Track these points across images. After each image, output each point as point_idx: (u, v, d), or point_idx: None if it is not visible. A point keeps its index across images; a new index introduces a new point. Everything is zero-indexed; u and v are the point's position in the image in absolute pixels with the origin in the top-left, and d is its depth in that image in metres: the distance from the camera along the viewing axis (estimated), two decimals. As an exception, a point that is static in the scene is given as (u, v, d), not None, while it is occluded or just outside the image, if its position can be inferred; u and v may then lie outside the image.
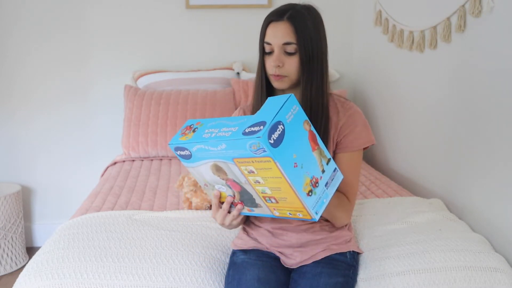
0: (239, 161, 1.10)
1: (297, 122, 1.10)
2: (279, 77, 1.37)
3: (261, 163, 1.07)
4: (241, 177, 1.15)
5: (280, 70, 1.36)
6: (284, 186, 1.11)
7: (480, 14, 1.73)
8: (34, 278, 1.42)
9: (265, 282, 1.37)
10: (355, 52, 3.16)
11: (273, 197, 1.16)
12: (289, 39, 1.34)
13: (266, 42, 1.37)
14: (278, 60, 1.35)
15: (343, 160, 1.43)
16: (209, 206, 1.91)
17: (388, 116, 2.66)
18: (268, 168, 1.08)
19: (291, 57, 1.35)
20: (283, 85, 1.39)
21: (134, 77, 3.03)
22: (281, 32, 1.34)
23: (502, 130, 1.63)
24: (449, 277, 1.40)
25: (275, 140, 1.04)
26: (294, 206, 1.15)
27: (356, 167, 1.44)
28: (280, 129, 1.06)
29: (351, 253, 1.48)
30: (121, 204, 2.01)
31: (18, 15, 2.94)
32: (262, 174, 1.10)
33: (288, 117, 1.08)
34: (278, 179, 1.09)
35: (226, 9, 3.06)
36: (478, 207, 1.78)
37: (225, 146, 1.09)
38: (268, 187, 1.14)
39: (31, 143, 3.08)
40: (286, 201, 1.15)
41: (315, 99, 1.38)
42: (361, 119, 1.44)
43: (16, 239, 2.85)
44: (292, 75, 1.37)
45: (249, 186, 1.17)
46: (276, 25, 1.35)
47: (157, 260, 1.48)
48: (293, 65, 1.36)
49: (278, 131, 1.05)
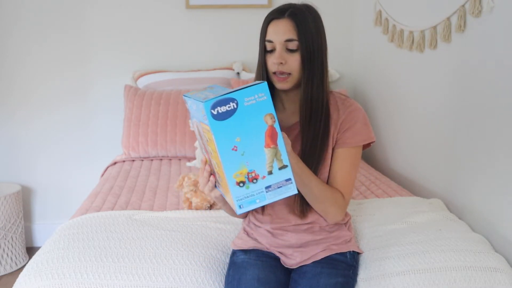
0: (203, 126, 1.10)
1: (257, 110, 1.07)
2: (282, 78, 1.37)
3: (208, 133, 1.07)
4: (206, 145, 1.14)
5: (283, 67, 1.36)
6: (219, 164, 1.09)
7: (480, 14, 1.73)
8: (34, 278, 1.42)
9: (265, 282, 1.37)
10: (355, 52, 3.16)
11: (218, 174, 1.14)
12: (291, 36, 1.34)
13: (267, 40, 1.37)
14: (281, 57, 1.35)
15: (340, 155, 1.41)
16: (209, 206, 1.91)
17: (388, 116, 2.66)
18: (210, 140, 1.07)
19: (293, 54, 1.36)
20: (287, 85, 1.38)
21: (134, 77, 3.03)
22: (283, 29, 1.35)
23: (502, 130, 1.63)
24: (449, 277, 1.40)
25: (219, 114, 1.03)
26: (227, 190, 1.12)
27: (353, 164, 1.42)
28: (232, 106, 1.04)
29: (351, 253, 1.48)
30: (121, 204, 2.01)
31: (18, 15, 2.94)
32: (210, 146, 1.10)
33: (248, 100, 1.06)
34: (216, 155, 1.08)
35: (226, 9, 3.06)
36: (478, 207, 1.78)
37: (195, 107, 1.10)
38: (215, 162, 1.12)
39: (31, 143, 3.08)
40: (223, 182, 1.13)
41: (315, 97, 1.38)
42: (361, 116, 1.43)
43: (16, 239, 2.86)
44: (295, 72, 1.37)
45: (211, 158, 1.15)
46: (277, 22, 1.36)
47: (157, 260, 1.48)
48: (296, 62, 1.36)
49: (227, 107, 1.04)
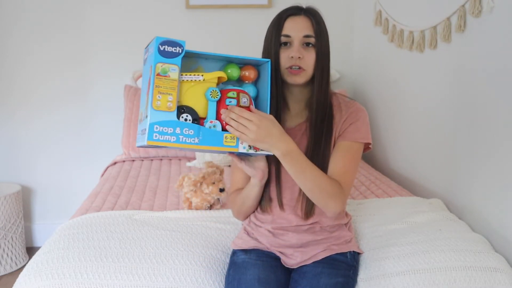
0: None
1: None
2: (297, 71, 1.37)
3: None
4: None
5: (300, 62, 1.37)
6: None
7: (480, 14, 1.73)
8: (34, 278, 1.42)
9: (265, 282, 1.37)
10: (355, 52, 3.16)
11: None
12: (309, 32, 1.37)
13: (284, 35, 1.38)
14: (299, 52, 1.36)
15: (341, 147, 1.41)
16: (209, 206, 1.91)
17: (388, 116, 2.66)
18: None
19: (309, 50, 1.38)
20: (300, 79, 1.39)
21: (134, 77, 3.03)
22: (301, 25, 1.37)
23: (502, 130, 1.63)
24: (449, 277, 1.40)
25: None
26: None
27: (353, 158, 1.42)
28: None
29: (352, 253, 1.48)
30: (121, 204, 2.00)
31: (18, 16, 2.94)
32: None
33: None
34: None
35: (226, 9, 3.06)
36: (478, 207, 1.78)
37: None
38: None
39: (31, 143, 3.08)
40: None
41: (324, 96, 1.41)
42: (362, 115, 1.44)
43: (16, 239, 2.86)
44: (309, 68, 1.38)
45: None
46: (295, 18, 1.39)
47: (157, 260, 1.48)
48: (311, 58, 1.38)
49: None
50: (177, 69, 1.17)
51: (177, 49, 1.17)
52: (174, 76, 1.17)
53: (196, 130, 1.19)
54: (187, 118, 1.20)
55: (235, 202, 1.51)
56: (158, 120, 1.15)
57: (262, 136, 1.22)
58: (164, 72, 1.16)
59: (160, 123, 1.16)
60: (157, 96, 1.16)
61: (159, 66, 1.16)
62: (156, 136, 1.16)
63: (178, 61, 1.17)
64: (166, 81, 1.16)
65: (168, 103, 1.16)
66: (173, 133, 1.17)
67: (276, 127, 1.24)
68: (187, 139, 1.18)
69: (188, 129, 1.18)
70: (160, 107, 1.16)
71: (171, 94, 1.16)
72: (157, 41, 1.16)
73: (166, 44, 1.16)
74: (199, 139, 1.19)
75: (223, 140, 1.22)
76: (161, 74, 1.16)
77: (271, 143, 1.24)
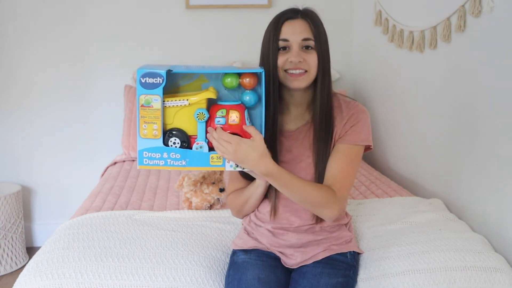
0: None
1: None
2: (298, 74, 1.36)
3: None
4: None
5: (302, 65, 1.36)
6: None
7: (480, 14, 1.73)
8: (34, 278, 1.42)
9: (265, 282, 1.37)
10: (355, 52, 3.16)
11: None
12: (308, 35, 1.36)
13: (282, 39, 1.37)
14: (298, 56, 1.35)
15: (340, 150, 1.41)
16: (209, 206, 1.91)
17: (388, 116, 2.66)
18: None
19: (310, 53, 1.37)
20: (303, 83, 1.37)
21: (134, 77, 3.03)
22: (299, 28, 1.36)
23: (502, 130, 1.63)
24: (449, 277, 1.40)
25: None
26: None
27: (352, 162, 1.41)
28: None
29: (352, 253, 1.48)
30: (121, 204, 2.01)
31: (15, 15, 2.94)
32: None
33: None
34: None
35: (226, 9, 3.06)
36: (478, 207, 1.78)
37: None
38: None
39: (31, 143, 3.08)
40: None
41: (327, 97, 1.40)
42: (364, 117, 1.43)
43: (16, 239, 2.86)
44: (312, 70, 1.37)
45: None
46: (292, 22, 1.37)
47: (157, 260, 1.48)
48: (313, 59, 1.37)
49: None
50: (159, 99, 1.23)
51: (158, 79, 1.22)
52: (157, 106, 1.23)
53: (182, 154, 1.27)
54: (175, 142, 1.27)
55: (235, 202, 1.51)
56: (146, 147, 1.26)
57: (240, 159, 1.25)
58: (147, 103, 1.23)
59: (148, 149, 1.26)
60: (143, 125, 1.25)
61: (142, 97, 1.23)
62: (146, 161, 1.27)
63: (160, 91, 1.22)
64: (150, 111, 1.23)
65: (153, 131, 1.25)
66: (161, 158, 1.27)
67: (255, 151, 1.24)
68: (174, 162, 1.27)
69: (174, 154, 1.26)
70: (147, 136, 1.25)
71: (156, 123, 1.24)
72: (139, 74, 1.22)
73: (147, 76, 1.22)
74: (186, 161, 1.27)
75: (210, 161, 1.28)
76: (144, 105, 1.23)
77: (249, 166, 1.26)
